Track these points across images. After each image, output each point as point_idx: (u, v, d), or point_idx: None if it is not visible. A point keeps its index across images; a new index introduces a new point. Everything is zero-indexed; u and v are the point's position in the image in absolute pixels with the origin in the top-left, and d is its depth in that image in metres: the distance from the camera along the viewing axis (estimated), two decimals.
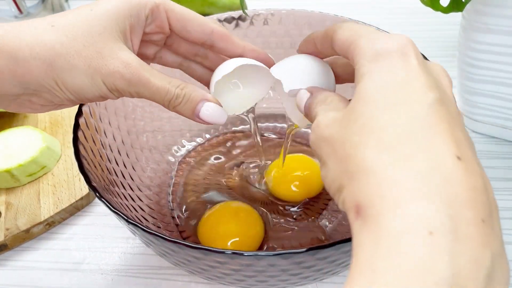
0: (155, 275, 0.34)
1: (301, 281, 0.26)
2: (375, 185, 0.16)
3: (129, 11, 0.25)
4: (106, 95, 0.25)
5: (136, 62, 0.24)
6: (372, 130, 0.17)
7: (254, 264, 0.23)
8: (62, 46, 0.23)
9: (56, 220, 0.37)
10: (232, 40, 0.29)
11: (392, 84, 0.18)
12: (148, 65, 0.25)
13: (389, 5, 0.68)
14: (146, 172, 0.38)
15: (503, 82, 0.39)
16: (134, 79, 0.24)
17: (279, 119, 0.46)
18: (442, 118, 0.17)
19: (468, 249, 0.14)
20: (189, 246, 0.22)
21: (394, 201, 0.15)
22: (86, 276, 0.34)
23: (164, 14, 0.27)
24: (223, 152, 0.42)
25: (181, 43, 0.30)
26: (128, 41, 0.26)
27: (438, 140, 0.16)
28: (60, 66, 0.23)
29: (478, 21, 0.37)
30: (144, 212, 0.34)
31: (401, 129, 0.17)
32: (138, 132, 0.39)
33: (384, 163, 0.16)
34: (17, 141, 0.41)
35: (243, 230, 0.33)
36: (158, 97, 0.25)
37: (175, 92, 0.25)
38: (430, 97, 0.17)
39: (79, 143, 0.29)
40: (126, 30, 0.25)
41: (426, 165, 0.16)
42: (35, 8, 0.65)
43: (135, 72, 0.24)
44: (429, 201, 0.15)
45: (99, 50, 0.24)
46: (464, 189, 0.15)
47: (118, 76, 0.24)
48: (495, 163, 0.41)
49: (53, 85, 0.24)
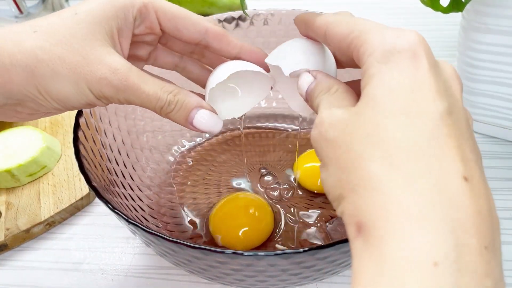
0: (155, 275, 0.34)
1: (301, 281, 0.27)
2: (380, 205, 0.16)
3: (116, 12, 0.24)
4: (94, 103, 0.24)
5: (125, 67, 0.23)
6: (378, 141, 0.17)
7: (254, 264, 0.23)
8: (44, 52, 0.22)
9: (56, 220, 0.37)
10: (228, 40, 0.27)
11: (401, 89, 0.17)
12: (139, 70, 0.24)
13: (389, 5, 0.68)
14: (146, 172, 0.38)
15: (503, 82, 0.39)
16: (122, 86, 0.23)
17: (279, 119, 0.46)
18: (450, 133, 0.16)
19: (471, 281, 0.14)
20: (189, 246, 0.22)
21: (400, 227, 0.15)
22: (86, 276, 0.34)
23: (153, 14, 0.26)
24: (223, 152, 0.42)
25: (175, 42, 0.28)
26: (117, 44, 0.25)
27: (446, 159, 0.16)
28: (42, 74, 0.22)
29: (478, 21, 0.37)
30: (144, 212, 0.34)
31: (409, 144, 0.16)
32: (138, 132, 0.39)
33: (390, 181, 0.16)
34: (17, 141, 0.41)
35: (255, 220, 0.34)
36: (149, 104, 0.24)
37: (167, 99, 0.24)
38: (439, 107, 0.17)
39: (80, 143, 0.29)
40: (113, 33, 0.24)
41: (433, 187, 0.15)
42: (35, 8, 0.65)
43: (123, 78, 0.23)
44: (435, 230, 0.15)
45: (84, 55, 0.22)
46: (469, 215, 0.15)
47: (105, 83, 0.22)
48: (495, 163, 0.41)
49: (36, 93, 0.22)
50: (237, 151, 0.42)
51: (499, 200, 0.38)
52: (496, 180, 0.39)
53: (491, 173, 0.40)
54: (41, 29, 0.23)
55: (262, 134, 0.44)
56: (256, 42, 0.44)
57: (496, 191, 0.38)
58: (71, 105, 0.24)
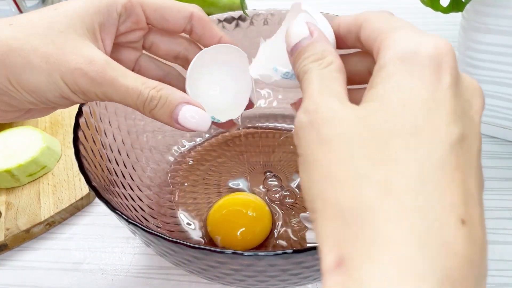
0: (155, 275, 0.34)
1: (301, 281, 0.27)
2: (367, 243, 0.14)
3: (98, 7, 0.23)
4: (69, 97, 0.22)
5: (102, 59, 0.22)
6: (380, 162, 0.15)
7: (254, 264, 0.23)
8: (16, 41, 0.21)
9: (56, 220, 0.37)
10: (210, 26, 0.27)
11: (417, 104, 0.16)
12: (118, 64, 0.22)
13: (389, 5, 0.68)
14: (146, 172, 0.38)
15: (503, 82, 0.39)
16: (99, 78, 0.21)
17: (279, 119, 0.46)
18: (459, 164, 0.15)
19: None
20: (189, 246, 0.22)
21: (387, 276, 0.13)
22: (86, 276, 0.34)
23: (139, 8, 0.25)
24: (223, 152, 0.42)
25: (160, 42, 0.28)
26: (98, 40, 0.24)
27: (447, 197, 0.14)
28: (13, 63, 0.21)
29: (478, 21, 0.37)
30: (144, 212, 0.34)
31: (413, 171, 0.15)
32: (138, 132, 0.39)
33: (383, 212, 0.14)
34: (17, 141, 0.41)
35: (253, 220, 0.34)
36: (129, 100, 0.22)
37: (149, 94, 0.22)
38: (452, 133, 0.15)
39: (79, 143, 0.29)
40: (95, 29, 0.23)
41: (428, 228, 0.14)
42: (35, 8, 0.65)
43: (100, 70, 0.21)
44: (424, 281, 0.13)
45: (60, 46, 0.21)
46: (461, 264, 0.14)
47: (79, 73, 0.21)
48: (495, 163, 0.41)
49: (7, 84, 0.22)
50: (237, 151, 0.42)
51: (499, 200, 0.38)
52: (496, 180, 0.39)
53: (491, 173, 0.40)
54: (17, 22, 0.22)
55: (262, 134, 0.44)
56: (256, 42, 0.44)
57: (496, 191, 0.38)
58: (46, 97, 0.22)
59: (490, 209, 0.37)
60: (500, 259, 0.33)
